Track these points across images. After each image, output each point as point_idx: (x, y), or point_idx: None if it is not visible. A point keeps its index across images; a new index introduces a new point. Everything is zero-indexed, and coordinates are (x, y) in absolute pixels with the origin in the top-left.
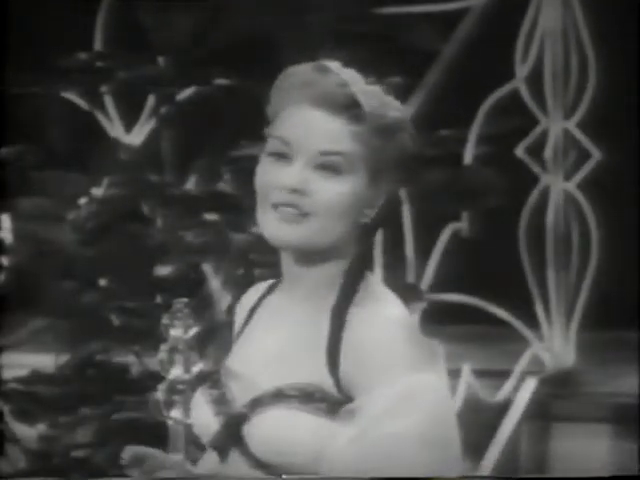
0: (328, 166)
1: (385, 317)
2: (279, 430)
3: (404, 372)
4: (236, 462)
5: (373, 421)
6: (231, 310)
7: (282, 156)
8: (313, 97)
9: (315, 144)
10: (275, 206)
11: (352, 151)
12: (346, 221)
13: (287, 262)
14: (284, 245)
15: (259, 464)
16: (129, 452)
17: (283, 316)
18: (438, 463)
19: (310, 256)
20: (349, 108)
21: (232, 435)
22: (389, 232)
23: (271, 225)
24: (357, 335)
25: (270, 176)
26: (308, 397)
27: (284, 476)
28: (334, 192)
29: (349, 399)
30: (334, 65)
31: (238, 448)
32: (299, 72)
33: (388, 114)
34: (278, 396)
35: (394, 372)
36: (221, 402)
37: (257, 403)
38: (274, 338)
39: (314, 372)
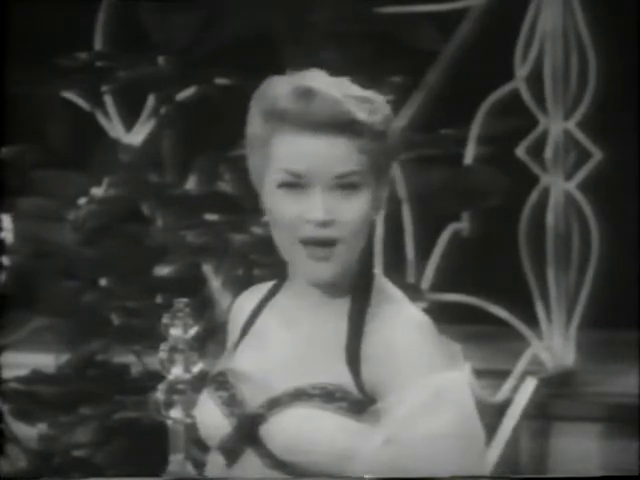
0: (346, 186)
1: (406, 317)
2: (301, 429)
3: (432, 371)
4: (248, 463)
5: (406, 421)
6: (227, 312)
7: (294, 186)
8: (310, 123)
9: (328, 170)
10: (304, 242)
11: (362, 166)
12: (367, 230)
13: None
14: (318, 284)
15: (278, 464)
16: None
17: (295, 317)
18: (469, 458)
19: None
20: (348, 126)
21: (247, 436)
22: (389, 232)
23: (303, 263)
24: (380, 336)
25: (291, 209)
26: (329, 396)
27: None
28: (356, 209)
29: (371, 399)
30: (315, 82)
31: (254, 449)
32: (283, 93)
33: (378, 118)
34: (299, 395)
35: (422, 371)
36: (232, 404)
37: (275, 403)
38: (287, 339)
39: (333, 372)
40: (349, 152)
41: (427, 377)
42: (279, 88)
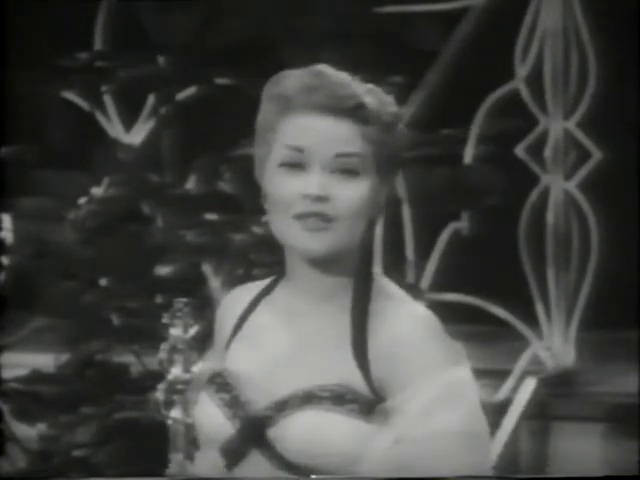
0: (345, 169)
1: (411, 314)
2: (313, 432)
3: (440, 367)
4: (252, 465)
5: (417, 419)
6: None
7: (295, 165)
8: (317, 103)
9: (329, 148)
10: (299, 216)
11: (364, 151)
12: (365, 220)
13: (295, 263)
14: (313, 255)
15: (287, 466)
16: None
17: (295, 316)
18: (477, 455)
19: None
20: (355, 110)
21: (253, 438)
22: (389, 232)
23: (297, 236)
24: (386, 333)
25: (288, 187)
26: (339, 398)
27: (313, 476)
28: (354, 194)
29: (381, 398)
30: (326, 68)
31: (261, 451)
32: (294, 79)
33: (387, 110)
34: (308, 398)
35: (430, 368)
36: (235, 405)
37: (283, 405)
38: (287, 338)
39: (340, 372)
40: (353, 135)
41: (436, 374)
42: (291, 76)
